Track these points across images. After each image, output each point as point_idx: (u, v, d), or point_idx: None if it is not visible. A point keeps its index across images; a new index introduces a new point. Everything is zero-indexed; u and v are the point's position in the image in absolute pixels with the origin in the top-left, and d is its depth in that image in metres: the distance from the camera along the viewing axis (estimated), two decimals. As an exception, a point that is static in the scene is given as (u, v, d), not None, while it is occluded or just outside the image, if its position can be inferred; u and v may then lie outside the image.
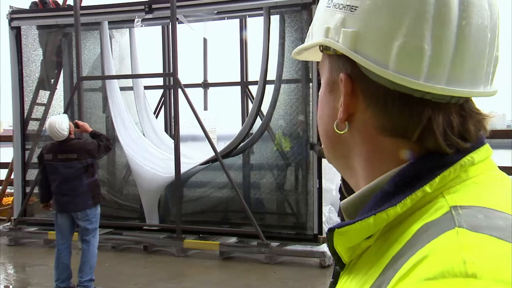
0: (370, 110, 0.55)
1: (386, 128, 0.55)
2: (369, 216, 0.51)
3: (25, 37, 7.34)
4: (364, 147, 0.58)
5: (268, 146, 6.46)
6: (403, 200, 0.51)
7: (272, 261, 5.72)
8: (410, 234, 0.49)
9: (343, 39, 0.55)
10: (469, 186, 0.51)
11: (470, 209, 0.47)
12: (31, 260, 6.14)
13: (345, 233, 0.53)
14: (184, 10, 6.37)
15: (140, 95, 7.33)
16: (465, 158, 0.52)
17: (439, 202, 0.50)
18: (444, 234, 0.45)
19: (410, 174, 0.52)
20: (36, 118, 7.47)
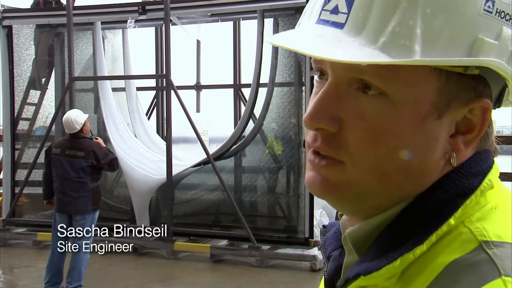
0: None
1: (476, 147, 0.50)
2: (396, 259, 0.45)
3: (16, 36, 7.28)
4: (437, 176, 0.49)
5: (260, 149, 6.46)
6: (429, 237, 0.45)
7: (263, 264, 5.71)
8: (436, 271, 0.44)
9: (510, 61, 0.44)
10: (490, 213, 0.47)
11: (504, 247, 0.43)
12: (19, 261, 6.07)
13: (369, 278, 0.47)
14: (177, 11, 6.36)
15: (132, 96, 7.30)
16: (484, 182, 0.48)
17: (463, 233, 0.45)
18: (490, 284, 0.40)
19: (431, 204, 0.47)
20: (27, 118, 7.41)
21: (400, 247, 0.46)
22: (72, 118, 4.52)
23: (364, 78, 0.45)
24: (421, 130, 0.46)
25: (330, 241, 0.56)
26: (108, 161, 4.59)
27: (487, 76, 0.46)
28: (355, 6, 0.44)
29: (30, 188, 7.11)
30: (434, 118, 0.46)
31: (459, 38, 0.43)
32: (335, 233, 0.58)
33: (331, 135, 0.48)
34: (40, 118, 7.49)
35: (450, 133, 0.48)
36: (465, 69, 0.44)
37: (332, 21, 0.45)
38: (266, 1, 5.96)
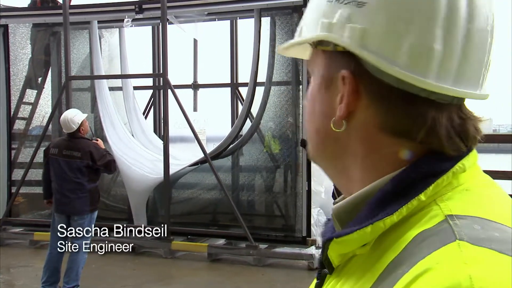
0: (372, 108, 0.54)
1: (388, 127, 0.54)
2: (367, 226, 0.51)
3: (12, 35, 7.25)
4: (360, 147, 0.56)
5: (257, 148, 6.46)
6: (399, 209, 0.51)
7: (261, 263, 5.71)
8: (405, 242, 0.49)
9: (350, 35, 0.53)
10: (461, 193, 0.52)
11: (466, 219, 0.48)
12: (16, 261, 6.05)
13: (342, 242, 0.53)
14: (174, 10, 6.35)
15: (129, 95, 7.28)
16: (457, 165, 0.53)
17: (433, 209, 0.50)
18: (445, 246, 0.45)
19: (405, 182, 0.52)
20: (23, 117, 7.38)
21: (372, 218, 0.52)
22: (69, 118, 4.50)
23: (309, 69, 0.63)
24: (318, 98, 0.59)
25: (328, 229, 0.61)
26: (104, 163, 4.56)
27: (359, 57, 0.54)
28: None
29: (27, 187, 7.09)
30: (323, 87, 0.59)
31: (314, 23, 0.57)
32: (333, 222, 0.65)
33: None
34: (37, 118, 7.47)
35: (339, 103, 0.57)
36: (334, 47, 0.55)
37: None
38: (263, 0, 5.96)
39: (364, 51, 0.52)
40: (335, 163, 0.60)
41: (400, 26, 0.51)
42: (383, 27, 0.52)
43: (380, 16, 0.52)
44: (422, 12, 0.51)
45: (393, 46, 0.51)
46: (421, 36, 0.51)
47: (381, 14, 0.52)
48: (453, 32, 0.51)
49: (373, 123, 0.55)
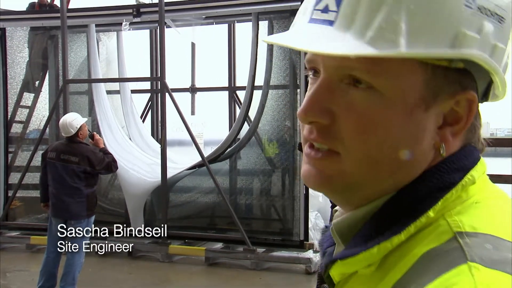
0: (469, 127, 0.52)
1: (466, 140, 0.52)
2: (372, 246, 0.48)
3: (10, 39, 7.25)
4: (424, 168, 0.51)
5: (255, 151, 6.45)
6: (407, 227, 0.47)
7: (258, 267, 5.70)
8: (411, 260, 0.45)
9: (495, 55, 0.47)
10: (471, 207, 0.48)
11: (476, 237, 0.44)
12: (12, 265, 6.02)
13: (347, 263, 0.50)
14: (172, 14, 6.36)
15: (127, 99, 7.28)
16: (466, 177, 0.49)
17: (441, 225, 0.47)
18: (455, 269, 0.42)
19: (412, 196, 0.49)
20: (20, 121, 7.37)
21: (379, 236, 0.48)
22: (68, 121, 4.48)
23: (354, 74, 0.48)
24: (410, 122, 0.48)
25: (326, 239, 0.58)
26: (104, 166, 4.54)
27: (472, 70, 0.48)
28: (344, 4, 0.47)
29: (23, 191, 7.06)
30: (422, 110, 0.48)
31: (442, 32, 0.45)
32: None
33: (325, 127, 0.50)
34: (34, 121, 7.46)
35: (438, 125, 0.50)
36: (450, 63, 0.47)
37: (323, 19, 0.48)
38: (261, 4, 5.97)
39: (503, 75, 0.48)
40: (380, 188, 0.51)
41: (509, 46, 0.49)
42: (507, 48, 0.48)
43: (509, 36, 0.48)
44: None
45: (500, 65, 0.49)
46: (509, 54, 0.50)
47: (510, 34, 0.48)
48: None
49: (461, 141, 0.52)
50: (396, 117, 0.48)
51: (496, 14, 0.46)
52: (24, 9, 7.61)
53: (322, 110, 0.49)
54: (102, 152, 4.69)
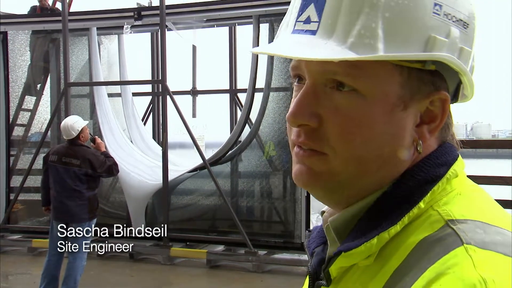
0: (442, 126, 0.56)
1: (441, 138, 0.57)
2: (373, 237, 0.51)
3: (11, 42, 7.27)
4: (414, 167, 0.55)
5: (256, 154, 6.46)
6: (402, 218, 0.51)
7: (260, 270, 5.69)
8: (408, 248, 0.49)
9: (462, 57, 0.52)
10: (455, 198, 0.53)
11: (466, 223, 0.49)
12: (14, 268, 6.03)
13: (350, 255, 0.52)
14: (173, 17, 6.37)
15: (128, 101, 7.29)
16: (449, 171, 0.54)
17: (432, 215, 0.51)
18: (454, 251, 0.46)
19: (403, 191, 0.53)
20: (22, 124, 7.38)
21: (377, 228, 0.51)
22: (69, 124, 4.49)
23: (337, 78, 0.52)
24: (391, 120, 0.52)
25: (313, 240, 0.62)
26: (105, 169, 4.55)
27: (443, 72, 0.53)
28: (325, 14, 0.51)
29: (25, 194, 7.08)
30: (400, 109, 0.52)
31: (415, 36, 0.50)
32: (318, 232, 0.64)
33: (312, 130, 0.53)
34: (36, 124, 7.47)
35: (416, 123, 0.54)
36: (423, 65, 0.51)
37: (306, 29, 0.52)
38: (262, 6, 5.99)
39: (470, 75, 0.54)
40: (370, 186, 0.55)
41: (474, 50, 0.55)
42: (472, 51, 0.54)
43: (474, 41, 0.53)
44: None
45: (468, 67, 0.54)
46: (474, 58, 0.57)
47: (474, 39, 0.54)
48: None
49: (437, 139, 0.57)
50: (378, 117, 0.52)
51: (460, 20, 0.51)
52: (25, 13, 7.63)
53: (310, 113, 0.53)
54: (104, 155, 4.69)
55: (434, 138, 0.56)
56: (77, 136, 4.50)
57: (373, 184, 0.54)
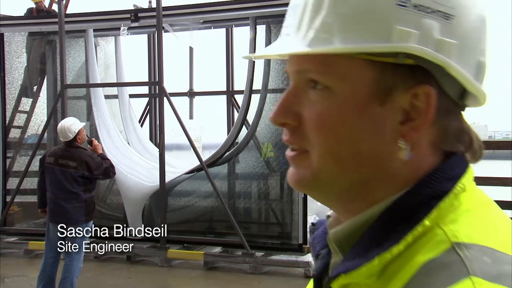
0: (437, 125, 0.53)
1: (442, 144, 0.54)
2: (374, 258, 0.49)
3: (8, 44, 7.26)
4: (409, 168, 0.53)
5: (253, 155, 6.46)
6: (405, 237, 0.49)
7: (257, 271, 5.69)
8: (411, 270, 0.47)
9: (441, 49, 0.49)
10: (463, 216, 0.50)
11: (473, 249, 0.46)
12: (10, 271, 6.00)
13: (349, 276, 0.51)
14: (170, 19, 6.37)
15: (125, 103, 7.28)
16: (457, 186, 0.52)
17: (437, 234, 0.49)
18: (460, 282, 0.44)
19: (408, 206, 0.51)
20: (18, 126, 7.36)
21: (378, 247, 0.49)
22: (66, 126, 4.48)
23: (311, 77, 0.53)
24: (364, 117, 0.51)
25: (318, 240, 0.60)
26: (102, 171, 4.54)
27: (431, 68, 0.50)
28: (296, 17, 0.54)
29: (21, 196, 7.05)
30: (376, 105, 0.51)
31: (373, 29, 0.49)
32: (323, 232, 0.62)
33: (294, 128, 0.55)
34: (32, 126, 7.45)
35: (399, 120, 0.52)
36: (396, 59, 0.50)
37: (285, 33, 0.55)
38: (259, 8, 5.99)
39: (459, 68, 0.50)
40: (359, 187, 0.54)
41: (478, 45, 0.52)
42: (466, 44, 0.51)
43: (467, 33, 0.51)
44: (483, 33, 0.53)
45: (469, 61, 0.52)
46: (485, 55, 0.54)
47: (468, 32, 0.51)
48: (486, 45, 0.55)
49: (430, 141, 0.53)
50: (349, 114, 0.52)
51: (439, 11, 0.49)
52: (22, 15, 7.62)
53: (290, 112, 0.54)
54: (100, 157, 4.68)
55: (428, 143, 0.53)
56: (74, 138, 4.49)
57: (357, 184, 0.53)
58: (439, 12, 0.49)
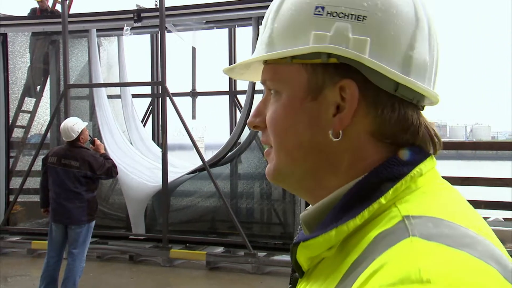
0: (371, 116, 0.58)
1: (379, 134, 0.58)
2: (331, 229, 0.55)
3: (11, 44, 7.28)
4: (349, 156, 0.59)
5: (256, 155, 6.46)
6: (361, 212, 0.54)
7: (259, 271, 5.69)
8: (366, 242, 0.52)
9: (355, 46, 0.56)
10: (418, 196, 0.55)
11: (420, 218, 0.51)
12: (13, 270, 6.02)
13: (309, 246, 0.57)
14: (173, 19, 6.38)
15: (128, 103, 7.29)
16: (414, 170, 0.57)
17: (392, 211, 0.53)
18: (399, 243, 0.48)
19: (367, 186, 0.56)
20: (21, 126, 7.39)
21: (337, 221, 0.55)
22: (69, 126, 4.48)
23: (268, 85, 0.63)
24: (302, 111, 0.59)
25: (299, 235, 0.64)
26: (104, 171, 4.54)
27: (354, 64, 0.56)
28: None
29: (25, 196, 7.07)
30: (309, 100, 0.59)
31: (298, 36, 0.59)
32: None
33: (264, 129, 0.64)
34: (35, 126, 7.47)
35: (332, 113, 0.59)
36: (322, 59, 0.57)
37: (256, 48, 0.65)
38: (261, 8, 5.99)
39: (373, 60, 0.56)
40: (312, 176, 0.61)
41: (400, 40, 0.57)
42: (384, 39, 0.57)
43: (382, 29, 0.57)
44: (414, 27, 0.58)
45: (393, 57, 0.57)
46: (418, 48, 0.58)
47: (383, 28, 0.57)
48: (431, 44, 0.60)
49: (367, 131, 0.59)
50: (290, 110, 0.60)
51: (351, 14, 0.57)
52: (25, 15, 7.65)
53: (259, 116, 0.64)
54: (103, 157, 4.69)
55: (366, 132, 0.58)
56: (77, 138, 4.50)
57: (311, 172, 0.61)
58: (352, 15, 0.57)
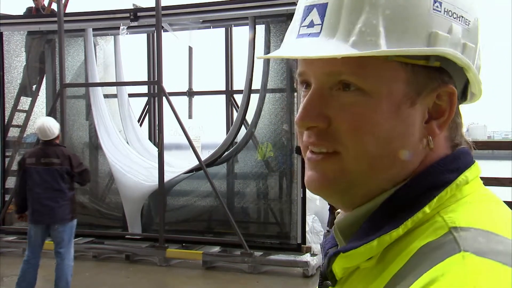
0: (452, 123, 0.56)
1: (450, 139, 0.57)
2: (373, 240, 0.51)
3: (7, 43, 7.25)
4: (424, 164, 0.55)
5: (252, 155, 6.45)
6: (405, 222, 0.51)
7: (256, 271, 5.69)
8: (410, 254, 0.49)
9: (466, 54, 0.53)
10: (464, 206, 0.52)
11: (468, 231, 0.48)
12: (9, 270, 5.99)
13: (349, 256, 0.53)
14: (169, 18, 6.37)
15: (124, 102, 7.28)
16: (460, 177, 0.53)
17: (437, 221, 0.50)
18: (450, 258, 0.45)
19: (409, 195, 0.53)
20: (17, 125, 7.36)
21: (378, 231, 0.51)
22: (51, 124, 4.48)
23: (343, 78, 0.53)
24: (398, 118, 0.53)
25: (328, 241, 0.61)
26: (80, 170, 4.55)
27: (449, 69, 0.53)
28: (327, 16, 0.53)
29: (20, 195, 7.04)
30: (407, 106, 0.53)
31: (416, 33, 0.51)
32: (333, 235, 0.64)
33: (322, 130, 0.55)
34: (31, 125, 7.44)
35: (424, 119, 0.54)
36: (427, 61, 0.52)
37: (310, 33, 0.54)
38: (258, 8, 5.99)
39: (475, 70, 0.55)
40: (377, 185, 0.55)
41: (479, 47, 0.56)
42: (479, 46, 0.56)
43: (477, 37, 0.55)
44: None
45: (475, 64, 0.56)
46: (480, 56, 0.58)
47: (479, 36, 0.55)
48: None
49: (446, 136, 0.57)
50: (385, 114, 0.52)
51: (462, 17, 0.53)
52: (21, 14, 7.62)
53: (318, 115, 0.54)
54: None
55: (444, 138, 0.56)
56: (55, 137, 4.51)
57: (383, 184, 0.54)
58: (462, 18, 0.53)
